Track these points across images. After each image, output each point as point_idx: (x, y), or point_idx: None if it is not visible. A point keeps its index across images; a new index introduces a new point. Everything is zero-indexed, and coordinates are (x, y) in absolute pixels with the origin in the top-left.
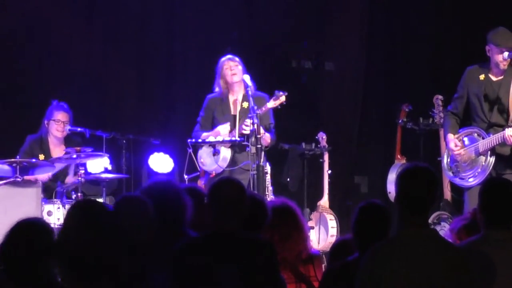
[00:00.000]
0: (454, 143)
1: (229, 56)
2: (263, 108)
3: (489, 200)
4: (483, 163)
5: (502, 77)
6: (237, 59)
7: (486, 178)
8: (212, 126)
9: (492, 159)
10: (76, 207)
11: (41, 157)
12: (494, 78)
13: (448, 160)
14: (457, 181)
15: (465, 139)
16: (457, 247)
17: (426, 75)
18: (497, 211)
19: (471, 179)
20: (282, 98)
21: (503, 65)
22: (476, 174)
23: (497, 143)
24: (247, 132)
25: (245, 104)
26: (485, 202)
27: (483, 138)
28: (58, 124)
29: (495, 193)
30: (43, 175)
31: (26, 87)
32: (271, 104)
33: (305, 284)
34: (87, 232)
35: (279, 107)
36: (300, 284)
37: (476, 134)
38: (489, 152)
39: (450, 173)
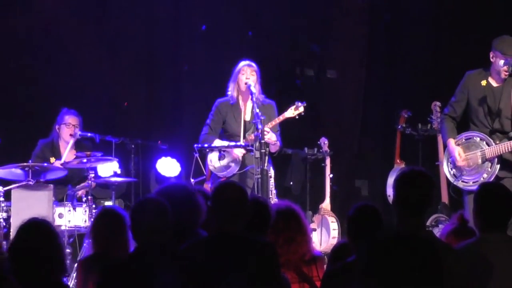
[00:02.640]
0: (458, 153)
1: (247, 62)
2: (281, 117)
3: (484, 204)
4: (489, 169)
5: (502, 84)
6: (254, 65)
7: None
8: (223, 131)
9: (498, 166)
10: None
11: (52, 160)
12: (494, 84)
13: (449, 164)
14: (460, 184)
15: (467, 143)
16: (452, 249)
17: (424, 82)
18: (492, 215)
19: (474, 183)
20: (301, 109)
21: (504, 75)
22: (482, 179)
23: (508, 150)
24: (269, 138)
25: (257, 109)
26: (480, 206)
27: (487, 144)
28: (69, 128)
29: (489, 197)
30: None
31: (38, 94)
32: (290, 113)
33: (308, 284)
34: None
35: (297, 117)
36: (303, 284)
37: (478, 139)
38: (496, 159)
39: (452, 177)
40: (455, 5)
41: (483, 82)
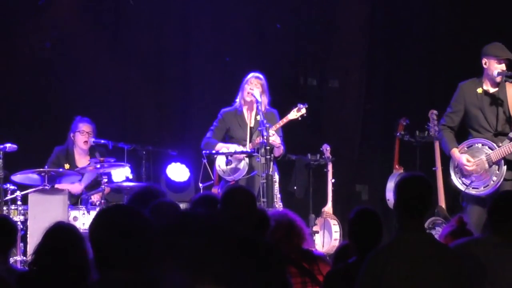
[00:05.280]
0: (467, 159)
1: (255, 74)
2: (284, 120)
3: (496, 207)
4: (497, 171)
5: (497, 88)
6: (261, 77)
7: (498, 185)
8: (226, 137)
9: (505, 168)
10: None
11: (67, 166)
12: (490, 90)
13: (456, 174)
14: (472, 191)
15: (470, 151)
16: (452, 250)
17: (422, 91)
18: (503, 217)
19: (485, 188)
20: (303, 110)
21: (499, 78)
22: (491, 182)
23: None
24: (274, 140)
25: (259, 117)
26: (493, 208)
27: (489, 148)
28: (83, 135)
29: (503, 202)
30: (76, 189)
31: (54, 103)
32: (293, 115)
33: (309, 277)
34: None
35: (300, 118)
36: (304, 278)
37: (480, 145)
38: (502, 161)
39: (462, 186)
40: (450, 18)
41: (479, 90)
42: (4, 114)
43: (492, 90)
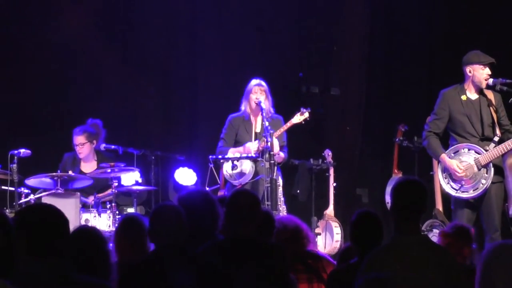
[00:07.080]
0: (457, 165)
1: (257, 81)
2: (288, 124)
3: None
4: (485, 174)
5: (479, 95)
6: (264, 84)
7: (487, 188)
8: (235, 143)
9: (493, 170)
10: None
11: (70, 173)
12: (473, 98)
13: (444, 179)
14: (463, 195)
15: (456, 156)
16: (446, 250)
17: (420, 99)
18: None
19: (475, 191)
20: (306, 114)
21: (486, 84)
22: (481, 185)
23: (499, 154)
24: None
25: (266, 123)
26: None
27: (476, 152)
28: (76, 147)
29: None
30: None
31: (66, 109)
32: (296, 119)
33: (314, 274)
34: None
35: (303, 122)
36: (311, 275)
37: (466, 149)
38: (490, 164)
39: (452, 191)
40: (448, 28)
41: (463, 97)
42: (18, 121)
43: (475, 96)
